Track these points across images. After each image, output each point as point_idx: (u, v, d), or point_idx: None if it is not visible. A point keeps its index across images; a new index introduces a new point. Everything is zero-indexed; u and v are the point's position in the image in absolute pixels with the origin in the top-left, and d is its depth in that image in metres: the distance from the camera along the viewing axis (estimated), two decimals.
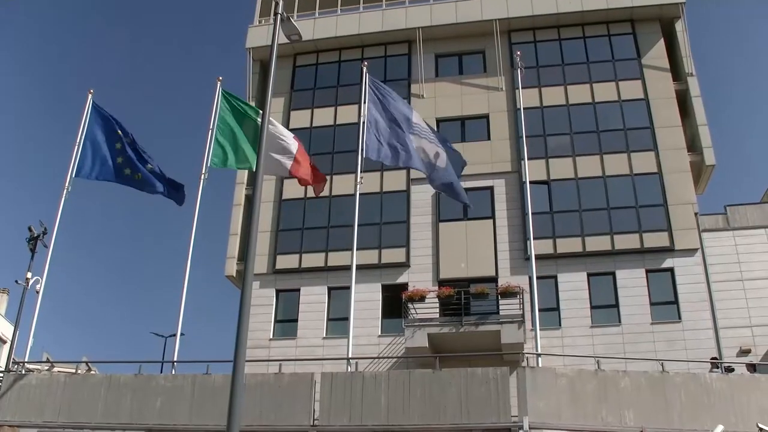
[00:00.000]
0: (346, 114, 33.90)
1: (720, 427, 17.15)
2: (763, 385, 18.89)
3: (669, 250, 30.35)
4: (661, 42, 35.06)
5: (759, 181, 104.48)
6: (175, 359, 20.21)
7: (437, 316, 28.17)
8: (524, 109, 25.87)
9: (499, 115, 34.18)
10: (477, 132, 33.72)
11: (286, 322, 31.54)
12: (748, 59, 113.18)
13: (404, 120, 21.25)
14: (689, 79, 34.40)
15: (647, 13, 35.36)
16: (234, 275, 32.78)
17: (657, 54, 34.77)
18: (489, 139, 33.49)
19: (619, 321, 29.32)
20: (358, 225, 20.93)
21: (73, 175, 21.65)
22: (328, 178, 25.27)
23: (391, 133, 21.00)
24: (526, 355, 21.55)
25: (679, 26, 35.38)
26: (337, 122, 34.65)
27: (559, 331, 29.10)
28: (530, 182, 24.21)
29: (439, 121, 33.87)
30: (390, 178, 32.87)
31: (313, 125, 35.16)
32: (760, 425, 17.50)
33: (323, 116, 35.35)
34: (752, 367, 23.24)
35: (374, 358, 27.71)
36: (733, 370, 22.85)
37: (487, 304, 28.63)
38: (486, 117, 34.36)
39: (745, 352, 27.79)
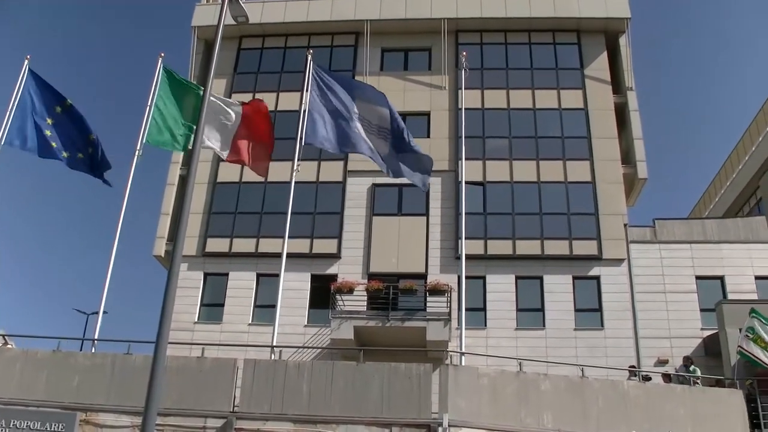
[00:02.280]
0: (288, 101, 33.57)
1: None
2: (677, 395, 19.39)
3: (597, 259, 30.89)
4: (605, 54, 35.66)
5: (688, 197, 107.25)
6: (96, 337, 19.80)
7: (365, 309, 28.18)
8: (465, 109, 25.99)
9: (440, 114, 34.35)
10: (417, 129, 33.67)
11: (212, 306, 31.18)
12: (686, 77, 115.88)
13: (349, 109, 21.13)
14: (629, 93, 35.07)
15: (593, 25, 35.91)
16: (162, 255, 32.27)
17: (599, 66, 35.35)
18: (428, 136, 33.60)
19: (544, 325, 29.76)
20: (292, 213, 20.76)
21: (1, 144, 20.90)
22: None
23: (333, 120, 20.86)
24: (450, 353, 21.74)
25: (623, 41, 36.01)
26: (279, 108, 34.32)
27: (484, 331, 29.37)
28: (466, 182, 24.34)
29: None
30: (327, 168, 32.76)
31: None
32: None
33: (265, 101, 34.86)
34: (668, 378, 23.78)
35: (299, 347, 27.60)
36: (650, 379, 23.34)
37: (415, 301, 28.75)
38: (427, 115, 34.49)
39: (662, 363, 28.47)
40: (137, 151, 21.42)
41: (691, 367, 22.25)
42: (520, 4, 35.97)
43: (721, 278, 30.73)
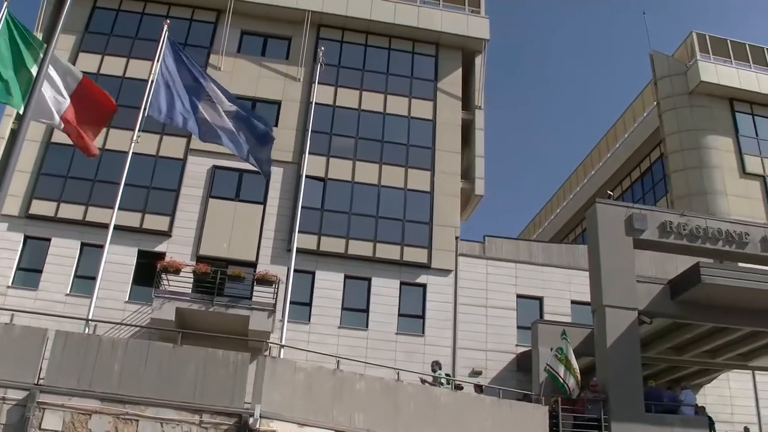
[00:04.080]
0: (138, 68, 32.37)
1: None
2: (486, 406, 20.03)
3: (426, 267, 31.57)
4: (459, 71, 36.59)
5: (521, 218, 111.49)
6: None
7: (190, 291, 27.57)
8: (316, 104, 26.00)
9: (291, 105, 34.15)
10: (266, 116, 33.20)
11: (30, 272, 29.56)
12: (535, 104, 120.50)
13: (198, 87, 20.58)
14: (477, 112, 36.20)
15: (452, 41, 36.76)
16: None
17: (453, 81, 36.21)
18: (276, 126, 33.29)
19: (367, 326, 30.13)
20: (126, 184, 19.99)
21: None
22: (103, 131, 23.69)
23: (181, 97, 20.26)
24: (271, 344, 21.59)
25: (478, 60, 37.08)
26: (127, 75, 33.12)
27: (307, 326, 29.41)
28: (307, 176, 24.30)
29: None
30: (169, 143, 31.86)
31: (101, 72, 33.23)
32: None
33: (113, 65, 33.59)
34: (479, 388, 24.58)
35: (116, 323, 26.65)
36: (462, 388, 24.05)
37: (242, 288, 28.41)
38: (278, 104, 34.21)
39: (476, 374, 29.46)
40: None
41: (437, 372, 23.00)
42: (384, 9, 36.34)
43: (541, 299, 32.13)
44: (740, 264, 25.76)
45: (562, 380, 20.87)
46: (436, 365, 23.73)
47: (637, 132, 46.70)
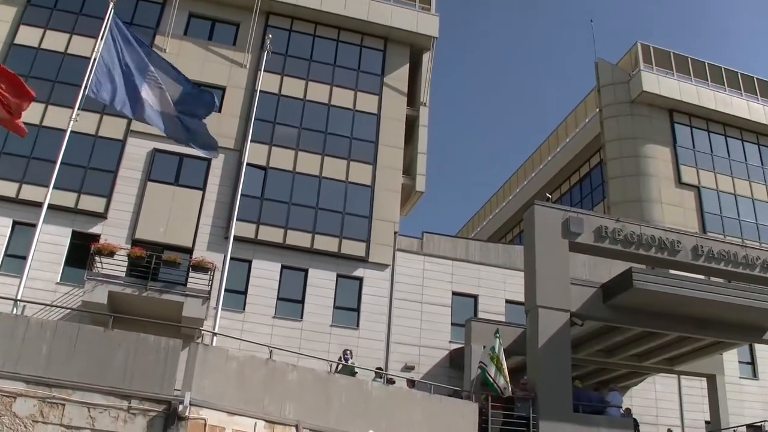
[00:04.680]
0: (81, 45, 31.75)
1: None
2: (417, 400, 20.18)
3: (363, 261, 31.60)
4: (407, 67, 36.65)
5: (460, 216, 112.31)
6: None
7: (124, 275, 27.14)
8: (261, 92, 25.77)
9: (235, 91, 33.82)
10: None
11: None
12: (482, 103, 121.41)
13: (143, 68, 20.20)
14: (421, 108, 36.35)
15: (401, 36, 36.80)
16: None
17: (399, 77, 36.26)
18: (220, 112, 32.89)
19: (302, 317, 30.04)
20: (62, 163, 19.56)
21: None
22: (41, 108, 23.18)
23: (124, 78, 19.87)
24: (204, 331, 21.38)
25: (426, 58, 37.20)
26: (69, 51, 32.42)
27: (242, 315, 29.22)
28: (248, 164, 24.09)
29: None
30: (109, 123, 31.21)
31: (42, 46, 32.51)
32: None
33: (55, 40, 32.79)
34: (411, 383, 24.70)
35: (46, 305, 25.96)
36: (394, 382, 24.15)
37: (177, 274, 28.06)
38: (223, 89, 33.79)
39: (409, 368, 29.62)
40: None
41: (350, 361, 23.18)
42: (335, 0, 36.16)
43: (475, 297, 32.45)
44: (671, 271, 26.30)
45: (492, 379, 21.08)
46: (347, 353, 23.86)
47: (579, 137, 47.43)
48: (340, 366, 22.74)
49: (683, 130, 42.29)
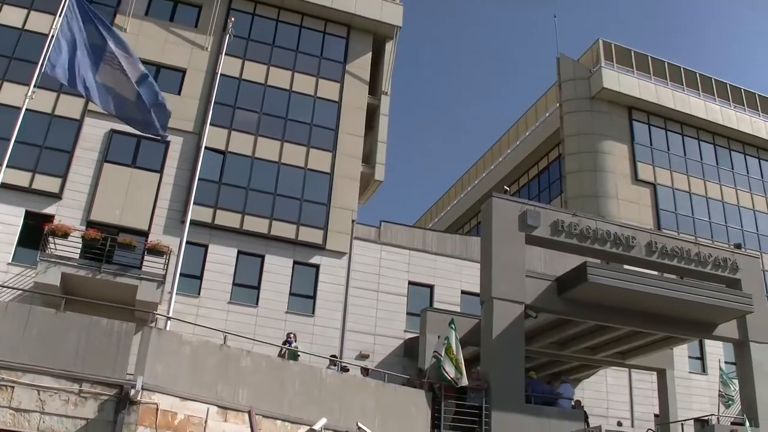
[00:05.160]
0: (39, 21, 31.14)
1: (323, 420, 18.03)
2: (370, 389, 20.20)
3: (320, 248, 31.55)
4: (369, 55, 36.58)
5: (418, 206, 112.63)
6: None
7: (78, 257, 26.74)
8: (222, 75, 25.54)
9: (196, 74, 33.47)
10: (170, 84, 32.54)
11: None
12: (444, 95, 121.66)
13: (103, 48, 19.83)
14: (383, 97, 36.35)
15: (365, 24, 36.68)
16: None
17: (362, 65, 36.17)
18: (179, 94, 32.62)
19: (257, 303, 29.91)
20: (16, 141, 19.18)
21: None
22: None
23: (82, 56, 19.51)
24: (158, 315, 21.19)
25: (389, 47, 37.15)
26: (26, 27, 31.80)
27: (197, 299, 29.02)
28: (207, 148, 23.87)
29: None
30: (66, 102, 30.68)
31: None
32: (360, 424, 18.68)
33: (12, 16, 32.11)
34: (365, 371, 24.77)
35: None
36: (348, 370, 24.18)
37: (132, 257, 27.70)
38: (183, 72, 33.44)
39: (363, 357, 29.65)
40: None
41: (294, 344, 23.23)
42: None
43: (431, 287, 32.58)
44: (625, 266, 26.64)
45: (444, 370, 21.15)
46: (290, 336, 23.85)
47: (539, 131, 47.79)
48: (284, 350, 22.71)
49: (641, 128, 42.85)
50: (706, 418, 27.79)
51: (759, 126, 46.05)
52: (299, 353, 22.90)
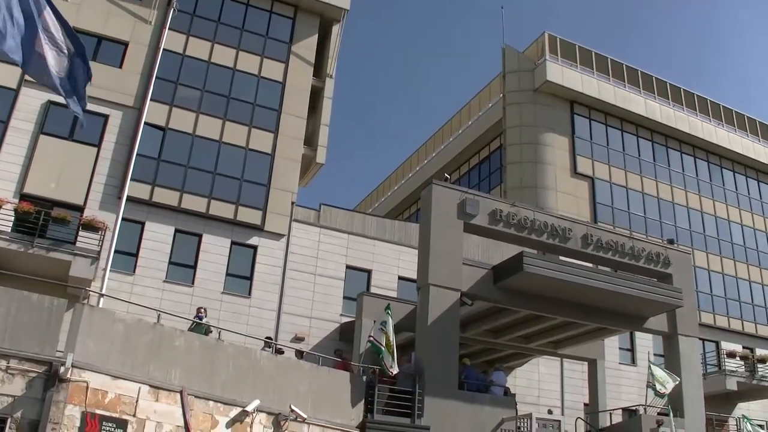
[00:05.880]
0: None
1: (256, 402, 18.02)
2: (304, 372, 20.27)
3: (258, 229, 31.34)
4: (315, 37, 36.30)
5: (358, 191, 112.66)
6: None
7: (9, 230, 26.09)
8: (165, 50, 25.16)
9: (138, 48, 32.82)
10: (111, 56, 31.96)
11: None
12: (391, 79, 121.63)
13: (38, 15, 19.31)
14: (327, 80, 36.18)
15: (312, 6, 36.35)
16: None
17: (307, 46, 35.88)
18: (121, 67, 32.01)
19: (193, 283, 29.62)
20: None
21: None
22: None
23: (16, 23, 18.94)
24: (91, 292, 20.85)
25: (335, 29, 36.94)
26: None
27: (131, 277, 28.61)
28: (146, 123, 23.52)
29: (75, 31, 31.47)
30: (2, 71, 29.81)
31: None
32: (293, 406, 18.73)
33: None
34: (300, 354, 24.77)
35: None
36: (282, 352, 24.14)
37: (66, 232, 27.13)
38: (125, 45, 32.76)
39: (299, 340, 29.63)
40: None
41: (204, 319, 23.21)
42: None
43: (369, 272, 32.67)
44: (561, 258, 27.04)
45: (383, 362, 21.25)
46: (201, 311, 23.72)
47: (481, 121, 48.13)
48: (194, 324, 22.52)
49: (582, 122, 43.46)
50: (634, 408, 28.47)
51: (696, 125, 47.06)
52: (212, 328, 22.59)
